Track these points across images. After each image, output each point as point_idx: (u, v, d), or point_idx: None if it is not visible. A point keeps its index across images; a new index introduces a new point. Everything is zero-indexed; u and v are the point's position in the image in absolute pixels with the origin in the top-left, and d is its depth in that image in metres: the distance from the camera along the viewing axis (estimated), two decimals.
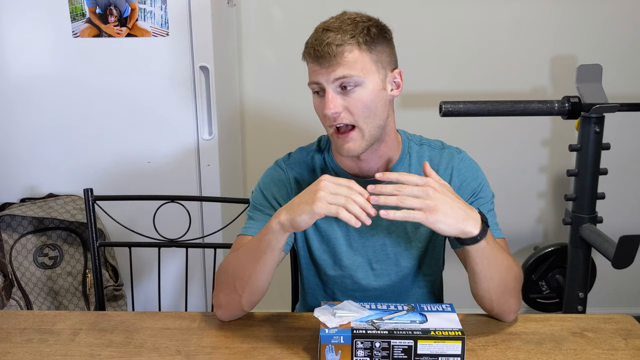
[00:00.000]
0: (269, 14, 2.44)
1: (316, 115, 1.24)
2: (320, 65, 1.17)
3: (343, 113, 1.18)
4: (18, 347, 1.18)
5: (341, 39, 1.16)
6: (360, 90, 1.17)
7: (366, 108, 1.18)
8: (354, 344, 1.06)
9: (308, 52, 1.19)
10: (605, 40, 2.44)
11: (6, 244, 2.03)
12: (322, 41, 1.16)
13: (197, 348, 1.17)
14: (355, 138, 1.20)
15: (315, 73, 1.19)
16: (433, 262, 1.36)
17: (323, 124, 1.23)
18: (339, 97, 1.17)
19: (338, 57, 1.16)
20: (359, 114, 1.18)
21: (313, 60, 1.18)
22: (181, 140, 2.07)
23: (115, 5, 1.95)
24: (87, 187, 1.62)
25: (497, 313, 1.25)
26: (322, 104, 1.19)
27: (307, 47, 1.20)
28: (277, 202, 1.31)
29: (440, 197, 1.08)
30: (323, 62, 1.16)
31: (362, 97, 1.17)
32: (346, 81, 1.16)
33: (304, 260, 1.38)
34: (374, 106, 1.19)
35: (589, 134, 2.04)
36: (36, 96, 2.04)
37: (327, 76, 1.17)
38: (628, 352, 1.15)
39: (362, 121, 1.19)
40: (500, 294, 1.21)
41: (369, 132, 1.20)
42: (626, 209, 2.59)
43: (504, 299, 1.22)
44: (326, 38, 1.16)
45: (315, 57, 1.17)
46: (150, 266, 2.11)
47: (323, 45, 1.16)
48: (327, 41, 1.16)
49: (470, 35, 2.44)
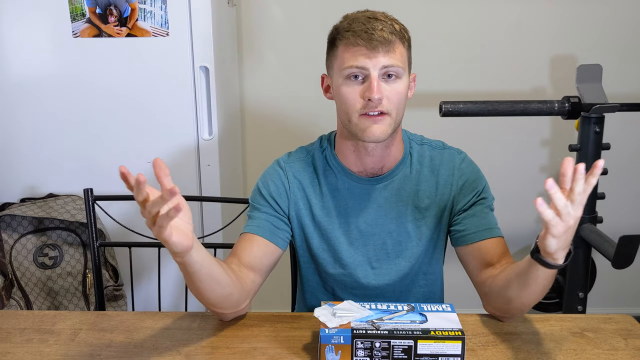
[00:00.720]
0: (269, 14, 2.44)
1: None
2: (373, 49, 1.18)
3: (384, 100, 1.20)
4: (18, 347, 1.18)
5: (392, 28, 1.19)
6: (400, 82, 1.21)
7: (401, 100, 1.22)
8: (354, 344, 1.06)
9: (356, 34, 1.19)
10: (605, 40, 2.44)
11: (6, 244, 2.03)
12: (376, 27, 1.18)
13: (197, 348, 1.17)
14: (385, 123, 1.21)
15: (362, 57, 1.18)
16: (433, 261, 1.36)
17: (347, 111, 1.22)
18: (382, 84, 1.20)
19: (390, 44, 1.18)
20: (395, 105, 1.21)
21: (365, 43, 1.18)
22: (181, 140, 2.07)
23: (115, 5, 1.95)
24: (87, 187, 1.62)
25: (508, 316, 1.24)
26: (361, 88, 1.20)
27: (349, 30, 1.20)
28: (274, 200, 1.32)
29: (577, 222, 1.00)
30: (377, 45, 1.17)
31: (400, 88, 1.21)
32: (392, 70, 1.19)
33: (303, 258, 1.38)
34: (404, 100, 1.24)
35: (589, 134, 2.04)
36: (36, 96, 2.04)
37: (376, 62, 1.18)
38: (628, 352, 1.15)
39: (395, 111, 1.22)
40: (529, 305, 1.20)
41: (396, 123, 1.23)
42: (626, 209, 2.59)
43: (527, 308, 1.21)
44: (379, 25, 1.18)
45: (368, 40, 1.17)
46: (150, 266, 2.11)
47: (377, 30, 1.18)
48: (382, 27, 1.18)
49: (470, 35, 2.44)
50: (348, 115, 1.23)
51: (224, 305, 1.20)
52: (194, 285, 1.13)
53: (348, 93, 1.21)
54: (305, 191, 1.34)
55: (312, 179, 1.34)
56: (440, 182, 1.33)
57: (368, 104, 1.19)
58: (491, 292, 1.23)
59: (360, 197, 1.32)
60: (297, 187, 1.34)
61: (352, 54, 1.19)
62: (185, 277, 1.13)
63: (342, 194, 1.32)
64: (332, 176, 1.33)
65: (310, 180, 1.34)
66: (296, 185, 1.34)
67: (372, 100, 1.18)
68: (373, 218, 1.32)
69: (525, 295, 1.15)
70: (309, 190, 1.34)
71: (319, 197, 1.33)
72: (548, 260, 1.05)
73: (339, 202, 1.33)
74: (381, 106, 1.19)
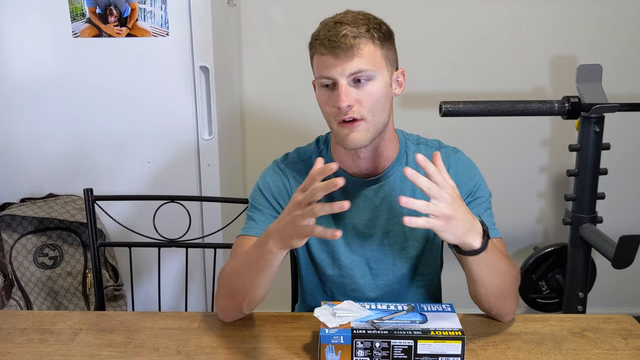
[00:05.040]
0: (269, 14, 2.44)
1: (316, 115, 1.24)
2: (336, 57, 1.16)
3: (355, 106, 1.18)
4: (18, 347, 1.18)
5: (357, 31, 1.16)
6: (372, 85, 1.18)
7: (376, 102, 1.19)
8: (354, 344, 1.06)
9: (321, 44, 1.18)
10: (605, 40, 2.44)
11: (6, 244, 2.03)
12: (338, 32, 1.16)
13: (197, 348, 1.17)
14: (361, 129, 1.20)
15: (329, 66, 1.18)
16: (430, 262, 1.36)
17: (327, 118, 1.23)
18: (351, 89, 1.18)
19: (354, 49, 1.16)
20: (369, 108, 1.19)
21: (328, 52, 1.17)
22: (181, 140, 2.07)
23: (115, 5, 1.95)
24: (87, 187, 1.62)
25: (496, 314, 1.25)
26: (332, 97, 1.19)
27: (317, 39, 1.19)
28: (277, 202, 1.31)
29: (456, 207, 1.04)
30: (339, 53, 1.16)
31: (373, 91, 1.18)
32: (360, 74, 1.17)
33: (302, 259, 1.38)
34: (382, 101, 1.20)
35: (589, 134, 2.04)
36: (36, 96, 2.04)
37: (342, 69, 1.16)
38: (628, 352, 1.15)
39: (370, 115, 1.19)
40: (498, 298, 1.21)
41: (374, 126, 1.21)
42: (626, 209, 2.59)
43: (501, 302, 1.22)
44: (342, 30, 1.16)
45: (331, 48, 1.16)
46: (150, 266, 2.11)
47: (340, 37, 1.15)
48: (344, 32, 1.16)
49: (470, 35, 2.44)
50: (329, 123, 1.23)
51: (257, 298, 1.20)
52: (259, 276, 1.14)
53: (323, 101, 1.21)
54: None
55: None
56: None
57: (340, 112, 1.18)
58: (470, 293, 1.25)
59: (356, 198, 1.32)
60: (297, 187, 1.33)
61: (321, 63, 1.19)
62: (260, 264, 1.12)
63: (338, 195, 1.32)
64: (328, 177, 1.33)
65: None
66: (296, 186, 1.33)
67: (341, 109, 1.17)
68: (369, 219, 1.32)
69: (481, 288, 1.18)
70: None
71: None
72: (464, 249, 1.10)
73: None
74: (352, 112, 1.18)
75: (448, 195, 1.02)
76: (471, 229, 1.07)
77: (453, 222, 1.03)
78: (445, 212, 1.01)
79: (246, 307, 1.22)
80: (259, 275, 1.14)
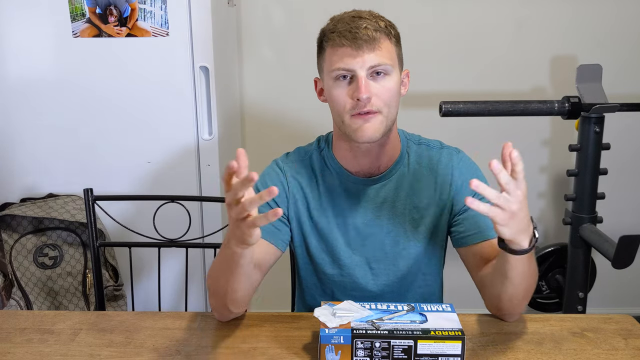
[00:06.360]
0: (269, 14, 2.44)
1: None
2: (358, 48, 1.17)
3: (373, 98, 1.19)
4: (18, 347, 1.18)
5: (377, 25, 1.18)
6: (389, 79, 1.20)
7: (392, 96, 1.21)
8: (354, 344, 1.06)
9: (341, 35, 1.18)
10: (605, 40, 2.44)
11: (6, 244, 2.03)
12: (359, 25, 1.17)
13: (197, 348, 1.17)
14: (376, 121, 1.20)
15: (348, 58, 1.18)
16: (432, 262, 1.36)
17: (338, 111, 1.22)
18: (370, 82, 1.19)
19: (376, 42, 1.17)
20: (386, 102, 1.20)
21: (350, 43, 1.17)
22: (181, 140, 2.07)
23: (115, 5, 1.95)
24: (87, 187, 1.62)
25: (506, 314, 1.24)
26: (349, 89, 1.19)
27: (335, 31, 1.20)
28: (274, 202, 1.31)
29: (522, 206, 1.04)
30: (362, 44, 1.17)
31: (389, 85, 1.20)
32: (380, 68, 1.18)
33: (301, 258, 1.38)
34: (396, 97, 1.22)
35: (589, 134, 2.04)
36: (36, 96, 2.04)
37: (363, 60, 1.17)
38: (628, 352, 1.15)
39: (386, 109, 1.21)
40: (521, 299, 1.20)
41: (388, 120, 1.22)
42: (626, 209, 2.58)
43: (522, 303, 1.21)
44: (363, 23, 1.18)
45: (353, 39, 1.17)
46: (150, 266, 2.11)
47: (361, 29, 1.17)
48: (366, 25, 1.17)
49: (470, 35, 2.44)
50: (340, 117, 1.23)
51: (237, 298, 1.19)
52: (232, 276, 1.13)
53: (338, 95, 1.21)
54: (304, 192, 1.33)
55: (310, 180, 1.34)
56: (438, 182, 1.32)
57: (357, 104, 1.19)
58: (484, 290, 1.24)
59: (357, 197, 1.32)
60: (296, 188, 1.34)
61: (338, 55, 1.19)
62: (230, 265, 1.12)
63: (339, 194, 1.32)
64: (329, 176, 1.33)
65: (308, 181, 1.34)
66: (295, 186, 1.34)
67: (360, 100, 1.18)
68: (371, 218, 1.32)
69: (509, 287, 1.16)
70: (307, 190, 1.33)
71: (317, 198, 1.33)
72: (512, 246, 1.08)
73: (337, 203, 1.32)
74: (370, 105, 1.19)
75: (521, 193, 1.03)
76: (526, 229, 1.08)
77: (516, 218, 1.03)
78: (513, 208, 1.02)
79: (232, 307, 1.21)
80: (232, 275, 1.14)
